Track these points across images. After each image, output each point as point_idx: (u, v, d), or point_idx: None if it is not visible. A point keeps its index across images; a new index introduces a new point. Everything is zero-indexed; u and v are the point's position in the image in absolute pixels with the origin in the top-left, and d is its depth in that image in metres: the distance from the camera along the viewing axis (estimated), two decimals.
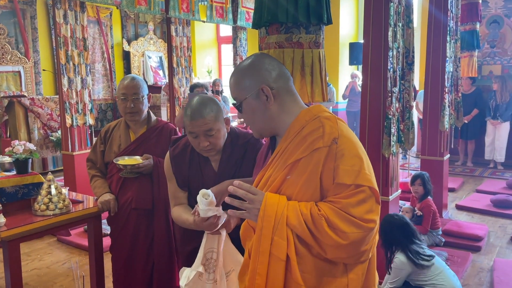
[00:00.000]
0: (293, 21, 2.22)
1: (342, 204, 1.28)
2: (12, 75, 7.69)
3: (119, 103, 2.55)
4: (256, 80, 1.43)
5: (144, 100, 2.55)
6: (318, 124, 1.37)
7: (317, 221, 1.27)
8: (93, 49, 8.89)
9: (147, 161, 2.47)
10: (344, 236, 1.26)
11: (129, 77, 2.54)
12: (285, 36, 2.24)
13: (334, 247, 1.28)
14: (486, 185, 6.22)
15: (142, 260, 2.56)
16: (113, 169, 2.58)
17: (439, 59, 4.64)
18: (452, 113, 5.01)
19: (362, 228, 1.27)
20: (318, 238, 1.28)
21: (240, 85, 1.45)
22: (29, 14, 7.96)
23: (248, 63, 1.47)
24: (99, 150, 2.64)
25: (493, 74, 7.45)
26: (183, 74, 6.63)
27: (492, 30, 7.48)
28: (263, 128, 1.47)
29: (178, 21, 6.44)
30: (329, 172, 1.31)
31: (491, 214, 5.07)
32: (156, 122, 2.66)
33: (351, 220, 1.27)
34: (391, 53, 3.16)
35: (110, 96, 9.36)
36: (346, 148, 1.32)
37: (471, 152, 7.55)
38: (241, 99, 1.45)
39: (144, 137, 2.59)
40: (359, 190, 1.29)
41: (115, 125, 2.68)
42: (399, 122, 3.37)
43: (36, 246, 4.30)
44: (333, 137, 1.32)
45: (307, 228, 1.28)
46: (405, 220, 2.98)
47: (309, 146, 1.33)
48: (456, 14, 4.80)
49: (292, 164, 1.34)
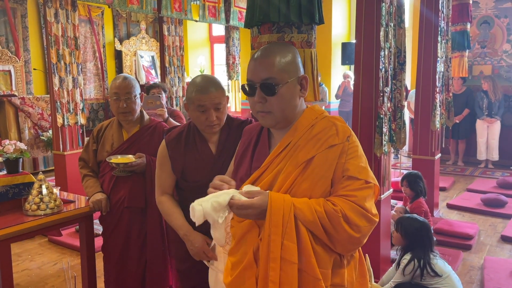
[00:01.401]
0: (285, 21, 2.22)
1: (357, 197, 1.33)
2: (2, 75, 7.62)
3: (111, 103, 2.55)
4: (298, 67, 1.44)
5: (137, 100, 2.55)
6: (329, 123, 1.42)
7: (333, 217, 1.30)
8: (84, 48, 8.83)
9: (140, 159, 2.47)
10: (357, 229, 1.31)
11: (121, 77, 2.53)
12: (277, 35, 2.25)
13: (346, 241, 1.32)
14: (477, 184, 6.28)
15: (135, 259, 2.55)
16: (105, 168, 2.57)
17: (430, 59, 4.67)
18: (443, 113, 5.05)
19: (372, 222, 1.34)
20: (331, 233, 1.31)
21: (283, 67, 1.39)
22: (20, 12, 7.89)
23: (287, 49, 1.44)
24: (92, 149, 2.63)
25: (484, 74, 7.52)
26: (176, 73, 6.62)
27: (482, 30, 7.55)
28: (286, 117, 1.43)
29: (170, 20, 6.42)
30: (341, 166, 1.36)
31: (481, 213, 5.12)
32: (149, 121, 2.66)
33: (364, 214, 1.33)
34: (383, 53, 3.17)
35: (101, 96, 9.31)
36: (356, 146, 1.40)
37: (462, 151, 7.61)
38: (280, 82, 1.38)
39: (136, 136, 2.59)
40: (367, 186, 1.36)
41: (108, 124, 2.67)
42: (390, 122, 3.39)
43: (27, 246, 4.27)
44: (347, 135, 1.40)
45: (321, 225, 1.30)
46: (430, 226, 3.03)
47: (324, 143, 1.37)
48: (447, 14, 4.84)
49: (307, 161, 1.36)
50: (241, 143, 1.63)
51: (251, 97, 1.42)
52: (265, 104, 1.39)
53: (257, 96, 1.39)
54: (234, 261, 1.47)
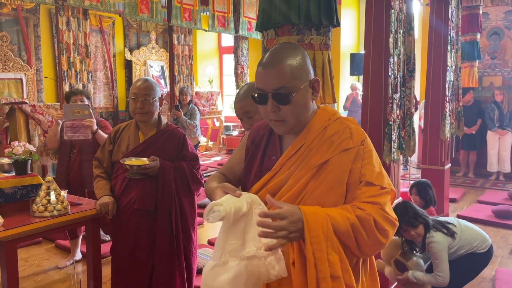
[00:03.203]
0: (306, 22, 2.24)
1: (380, 203, 1.30)
2: (14, 82, 7.72)
3: (130, 103, 2.60)
4: (308, 70, 1.39)
5: (155, 103, 2.58)
6: (343, 125, 1.38)
7: (365, 222, 1.25)
8: (95, 58, 8.93)
9: (153, 162, 2.48)
10: (385, 234, 1.29)
11: (142, 79, 2.60)
12: (297, 37, 2.26)
13: (373, 246, 1.29)
14: (488, 196, 6.19)
15: (142, 261, 2.54)
16: (119, 169, 2.59)
17: (440, 68, 4.65)
18: (453, 123, 5.00)
19: (395, 226, 1.32)
20: (362, 239, 1.25)
21: (294, 74, 1.33)
22: (32, 22, 8.01)
23: (296, 51, 1.37)
24: (107, 149, 2.66)
25: (494, 85, 7.46)
26: (185, 82, 6.66)
27: (492, 41, 7.51)
28: (300, 122, 1.38)
29: (180, 30, 6.48)
30: (357, 171, 1.32)
31: (492, 224, 5.03)
32: (166, 126, 2.68)
33: (389, 219, 1.30)
34: (392, 60, 3.16)
35: (111, 105, 9.38)
36: (371, 150, 1.36)
37: (472, 163, 7.52)
38: (293, 90, 1.32)
39: (153, 139, 2.61)
40: (385, 191, 1.33)
41: (126, 126, 2.71)
42: (400, 129, 3.36)
43: (34, 251, 4.27)
44: (361, 139, 1.36)
45: (353, 233, 1.24)
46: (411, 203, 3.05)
47: (337, 146, 1.33)
48: (456, 24, 4.82)
49: (320, 165, 1.32)
50: (248, 142, 1.55)
51: (262, 105, 1.36)
52: (278, 113, 1.33)
53: (270, 105, 1.33)
54: None
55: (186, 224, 2.64)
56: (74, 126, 3.38)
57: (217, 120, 10.34)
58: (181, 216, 2.61)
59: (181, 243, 2.61)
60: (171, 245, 2.56)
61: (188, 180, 2.62)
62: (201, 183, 2.73)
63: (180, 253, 2.60)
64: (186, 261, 2.67)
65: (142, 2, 5.63)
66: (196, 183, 2.69)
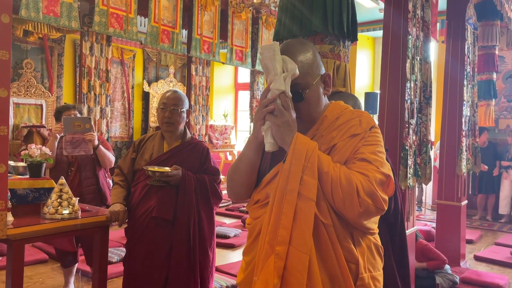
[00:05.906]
0: (340, 34, 2.30)
1: (370, 176, 1.26)
2: (34, 108, 7.90)
3: (158, 113, 2.64)
4: (319, 64, 1.40)
5: (183, 114, 2.61)
6: (354, 114, 1.38)
7: (346, 180, 1.24)
8: (114, 88, 9.14)
9: (176, 171, 2.46)
10: (363, 203, 1.23)
11: (171, 90, 2.66)
12: (329, 47, 2.31)
13: (348, 206, 1.23)
14: (506, 238, 6.00)
15: (156, 273, 2.46)
16: (140, 177, 2.58)
17: (456, 102, 4.64)
18: (470, 158, 4.93)
19: (377, 203, 1.25)
20: (336, 193, 1.23)
21: (306, 71, 1.35)
22: (57, 51, 8.30)
23: (305, 46, 1.39)
24: (130, 157, 2.66)
25: (510, 128, 7.40)
26: (200, 112, 6.74)
27: (508, 84, 7.52)
28: (314, 118, 1.39)
29: (198, 61, 6.64)
30: (357, 149, 1.32)
31: (511, 266, 4.84)
32: (191, 138, 2.70)
33: (373, 193, 1.25)
34: (409, 85, 3.17)
35: (126, 135, 9.49)
36: (377, 137, 1.35)
37: (490, 206, 7.34)
38: (306, 86, 1.35)
39: (177, 149, 2.62)
40: (380, 172, 1.29)
41: (151, 136, 2.73)
42: (416, 155, 3.32)
43: (40, 270, 4.20)
44: (371, 125, 1.35)
45: (331, 180, 1.24)
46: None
47: (346, 132, 1.34)
48: (473, 60, 4.86)
49: (327, 149, 1.33)
50: None
51: None
52: (303, 109, 1.36)
53: None
54: (248, 260, 1.40)
55: (203, 239, 2.56)
56: (74, 140, 3.10)
57: (230, 154, 10.36)
58: (199, 229, 2.54)
59: (197, 258, 2.51)
60: (188, 258, 2.47)
61: (208, 193, 2.58)
62: (221, 198, 2.69)
63: (195, 267, 2.50)
64: (202, 277, 2.54)
65: (163, 32, 5.81)
66: (216, 198, 2.65)
